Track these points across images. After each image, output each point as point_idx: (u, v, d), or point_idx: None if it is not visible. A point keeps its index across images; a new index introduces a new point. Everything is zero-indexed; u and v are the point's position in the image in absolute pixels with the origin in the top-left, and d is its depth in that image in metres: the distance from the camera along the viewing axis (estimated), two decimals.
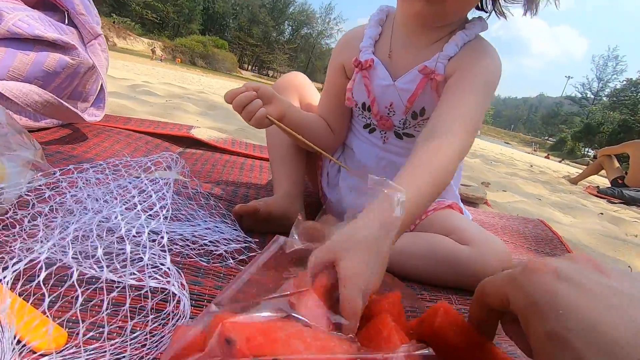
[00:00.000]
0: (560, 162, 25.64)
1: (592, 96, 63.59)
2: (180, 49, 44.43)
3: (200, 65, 41.95)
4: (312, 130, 0.79)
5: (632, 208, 3.50)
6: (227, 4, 68.32)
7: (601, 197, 4.12)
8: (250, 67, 67.55)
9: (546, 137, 70.55)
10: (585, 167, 6.12)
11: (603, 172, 5.29)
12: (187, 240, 0.51)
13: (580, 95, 66.31)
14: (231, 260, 0.51)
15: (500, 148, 16.96)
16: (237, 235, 0.60)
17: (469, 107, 0.61)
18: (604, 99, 57.08)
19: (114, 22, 42.50)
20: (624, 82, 49.92)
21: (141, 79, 4.08)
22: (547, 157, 28.41)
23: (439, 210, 0.77)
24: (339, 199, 0.87)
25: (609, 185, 4.95)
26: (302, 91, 0.88)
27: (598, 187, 5.35)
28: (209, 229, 0.58)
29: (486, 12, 0.73)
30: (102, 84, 0.99)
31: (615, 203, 3.71)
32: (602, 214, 2.38)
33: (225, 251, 0.52)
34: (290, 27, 66.70)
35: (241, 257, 0.52)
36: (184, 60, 42.30)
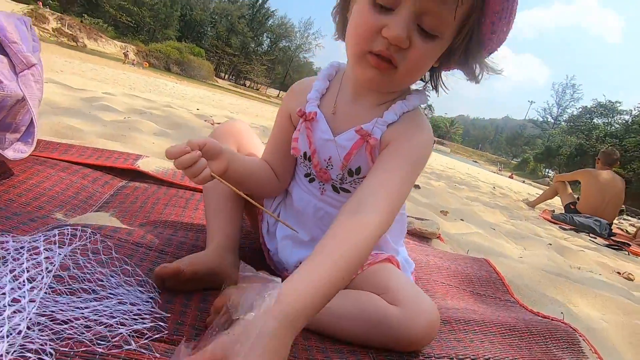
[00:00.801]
0: (523, 182, 26.96)
1: (552, 120, 67.74)
2: (154, 54, 43.46)
3: (175, 72, 41.14)
4: (257, 177, 0.79)
5: (580, 235, 3.70)
6: (205, 12, 67.87)
7: (554, 223, 4.34)
8: (227, 76, 67.00)
9: (510, 157, 74.10)
10: (545, 186, 6.47)
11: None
12: (84, 318, 0.47)
13: (541, 119, 70.47)
14: (133, 345, 0.47)
15: (468, 167, 17.63)
16: (152, 307, 0.56)
17: (398, 186, 0.64)
18: (563, 123, 60.94)
19: (82, 22, 41.08)
20: (580, 109, 53.56)
21: (103, 90, 3.93)
22: (511, 177, 29.82)
23: (375, 264, 0.77)
24: (276, 248, 0.86)
25: (562, 211, 5.23)
26: (241, 140, 0.87)
27: (553, 211, 5.65)
28: (118, 298, 0.54)
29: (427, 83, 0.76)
30: (32, 118, 0.93)
31: (566, 230, 3.91)
32: (550, 244, 2.49)
33: (129, 332, 0.48)
34: (268, 39, 67.06)
35: (146, 340, 0.48)
36: (159, 65, 41.41)
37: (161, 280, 0.64)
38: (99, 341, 0.46)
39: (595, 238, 3.76)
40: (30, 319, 0.41)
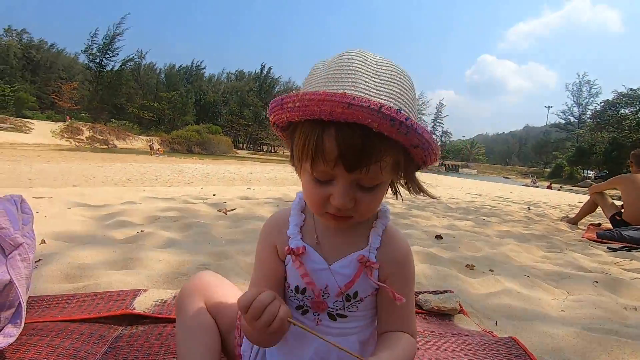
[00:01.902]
0: (559, 189, 25.49)
1: (576, 120, 65.48)
2: (177, 140, 46.74)
3: (197, 152, 43.78)
4: None
5: (634, 254, 3.35)
6: (217, 93, 73.57)
7: (601, 242, 3.97)
8: (245, 145, 70.45)
9: (542, 166, 71.04)
10: (587, 189, 6.05)
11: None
12: None
13: (564, 122, 68.29)
14: None
15: (499, 188, 16.96)
16: None
17: (411, 310, 0.81)
18: (588, 121, 58.69)
19: (110, 126, 45.22)
20: (602, 104, 51.74)
21: (124, 199, 4.17)
22: (549, 187, 28.34)
23: None
24: None
25: (608, 226, 4.82)
26: (208, 293, 0.87)
27: (599, 225, 5.22)
28: None
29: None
30: (19, 301, 0.98)
31: (616, 250, 3.56)
32: (597, 282, 2.25)
33: None
34: None
35: None
36: (182, 149, 44.21)
37: None
38: None
39: None
40: None
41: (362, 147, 0.61)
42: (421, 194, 0.76)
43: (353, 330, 0.80)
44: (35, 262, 1.75)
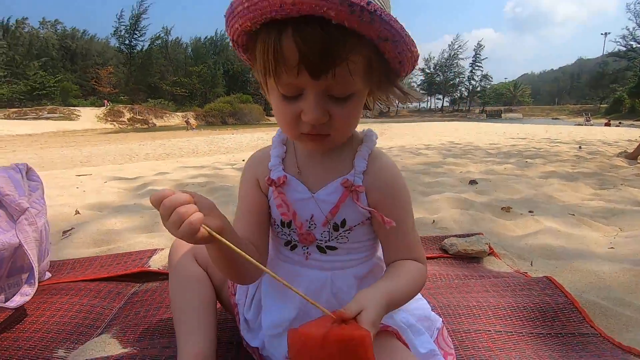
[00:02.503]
0: (618, 125, 23.13)
1: (639, 46, 57.98)
2: (210, 113, 47.70)
3: (231, 123, 44.53)
4: (249, 251, 0.67)
5: None
6: (242, 60, 73.00)
7: None
8: None
9: (598, 102, 64.73)
10: None
11: None
12: None
13: (624, 49, 60.73)
14: None
15: (546, 130, 15.71)
16: None
17: (414, 236, 0.74)
18: None
19: (149, 105, 46.97)
20: None
21: (157, 169, 4.33)
22: (607, 124, 25.75)
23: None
24: (264, 342, 0.78)
25: None
26: (198, 246, 0.83)
27: None
28: None
29: (369, 109, 0.71)
30: (31, 262, 1.00)
31: None
32: None
33: None
34: None
35: None
36: (216, 122, 45.16)
37: None
38: None
39: None
40: None
41: (323, 46, 0.52)
42: (406, 101, 0.67)
43: (347, 264, 0.74)
44: (68, 231, 1.84)
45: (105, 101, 48.25)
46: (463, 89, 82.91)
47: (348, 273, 0.74)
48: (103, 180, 3.52)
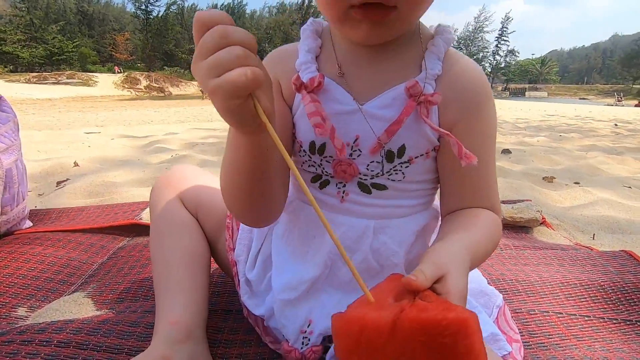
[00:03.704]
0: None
1: None
2: None
3: None
4: (277, 170, 0.48)
5: None
6: (259, 30, 71.46)
7: None
8: None
9: (631, 82, 61.30)
10: None
11: None
12: None
13: None
14: None
15: (575, 108, 14.89)
16: None
17: (494, 177, 0.53)
18: None
19: (164, 74, 46.85)
20: None
21: (167, 131, 4.15)
22: (638, 105, 24.31)
23: None
24: (272, 309, 0.58)
25: None
26: (186, 188, 0.65)
27: None
28: None
29: None
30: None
31: None
32: None
33: None
34: None
35: None
36: None
37: None
38: None
39: None
40: None
41: None
42: None
43: (397, 211, 0.52)
44: (62, 181, 1.69)
45: (116, 68, 48.06)
46: (487, 65, 79.41)
47: (400, 224, 0.52)
48: (110, 138, 3.37)
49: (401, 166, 0.50)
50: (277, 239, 0.59)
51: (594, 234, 1.20)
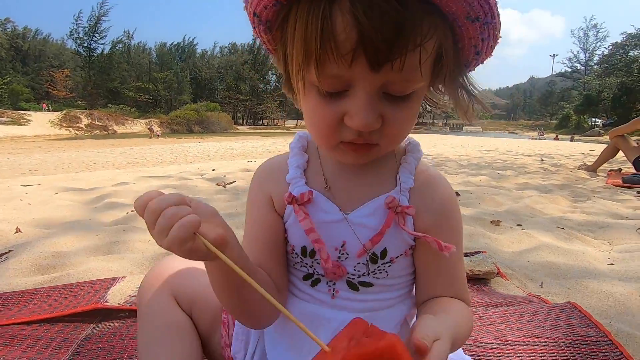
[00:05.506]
0: (571, 140, 24.87)
1: (583, 67, 63.31)
2: (176, 121, 46.18)
3: (197, 131, 43.39)
4: (260, 278, 0.55)
5: None
6: (211, 69, 71.83)
7: (628, 187, 3.71)
8: (245, 120, 69.52)
9: (548, 118, 69.67)
10: (597, 137, 5.72)
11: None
12: None
13: (570, 70, 66.02)
14: None
15: (506, 143, 16.49)
16: None
17: (462, 272, 0.60)
18: (595, 67, 56.70)
19: (107, 112, 44.81)
20: (610, 47, 49.72)
21: (117, 181, 3.94)
22: (556, 139, 27.64)
23: None
24: None
25: (631, 170, 4.53)
26: (178, 283, 0.65)
27: (620, 170, 4.94)
28: None
29: None
30: None
31: None
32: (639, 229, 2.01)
33: None
34: (274, 75, 69.04)
35: None
36: (182, 130, 43.79)
37: None
38: None
39: None
40: None
41: (396, 24, 0.37)
42: (467, 108, 0.53)
43: (383, 304, 0.59)
44: (4, 254, 1.53)
45: (44, 105, 45.30)
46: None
47: (386, 315, 0.57)
48: (53, 192, 3.12)
49: (384, 266, 0.58)
50: (270, 334, 0.61)
51: (541, 282, 1.34)
